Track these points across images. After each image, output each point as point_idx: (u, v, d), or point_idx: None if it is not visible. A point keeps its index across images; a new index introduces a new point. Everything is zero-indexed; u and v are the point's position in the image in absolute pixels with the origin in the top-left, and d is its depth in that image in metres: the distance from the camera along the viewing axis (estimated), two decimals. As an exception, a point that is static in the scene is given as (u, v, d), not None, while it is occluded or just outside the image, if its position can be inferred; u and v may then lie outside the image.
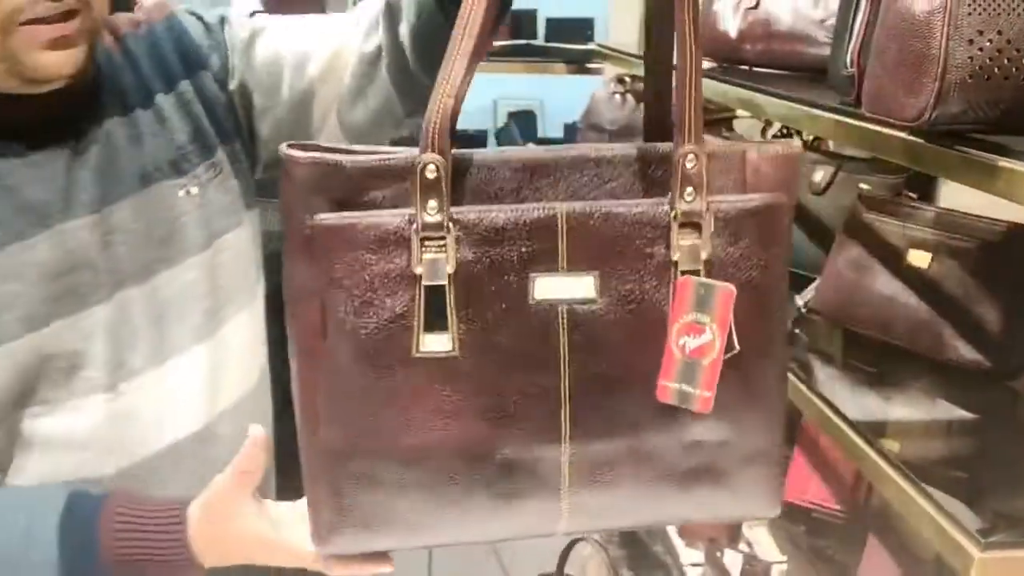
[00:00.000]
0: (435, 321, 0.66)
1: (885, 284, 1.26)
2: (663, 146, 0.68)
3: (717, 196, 0.67)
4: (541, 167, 0.68)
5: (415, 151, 0.66)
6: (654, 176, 0.68)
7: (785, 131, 1.76)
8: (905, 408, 1.20)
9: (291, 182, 0.67)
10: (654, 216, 0.67)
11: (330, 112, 1.04)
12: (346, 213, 0.66)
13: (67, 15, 0.87)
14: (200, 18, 1.05)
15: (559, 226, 0.66)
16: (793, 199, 0.71)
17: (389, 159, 0.66)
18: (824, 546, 1.54)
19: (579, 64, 2.67)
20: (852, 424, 1.10)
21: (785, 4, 1.52)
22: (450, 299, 0.66)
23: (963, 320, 1.18)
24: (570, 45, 2.69)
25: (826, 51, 1.44)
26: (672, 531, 1.94)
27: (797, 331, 1.41)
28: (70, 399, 0.93)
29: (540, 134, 3.07)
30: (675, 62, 0.69)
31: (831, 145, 1.84)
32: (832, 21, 1.45)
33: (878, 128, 0.92)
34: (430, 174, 0.65)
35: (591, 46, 2.73)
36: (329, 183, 0.66)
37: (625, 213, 0.67)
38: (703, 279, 0.67)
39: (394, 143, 0.94)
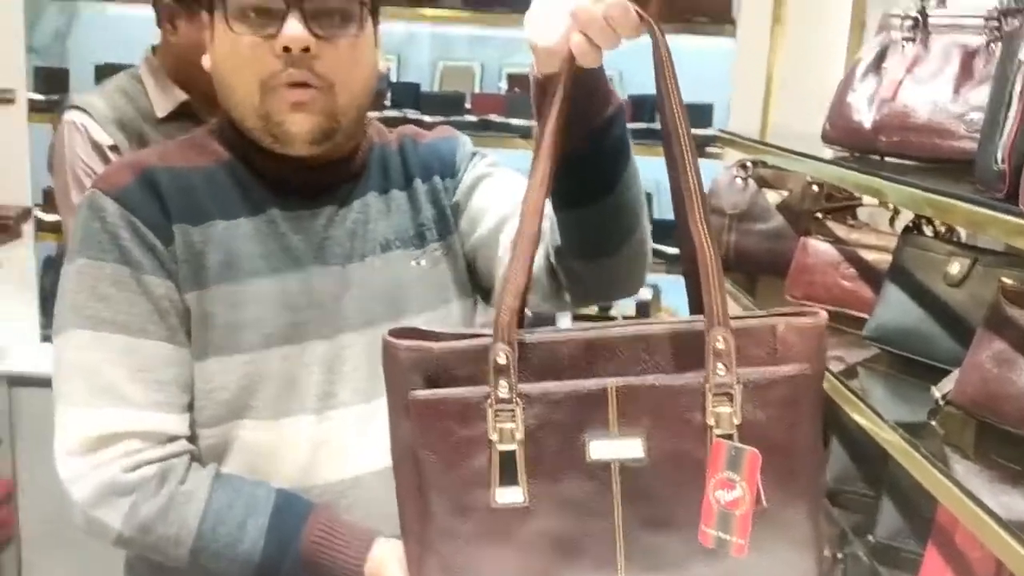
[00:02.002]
0: (508, 478, 0.80)
1: None
2: (697, 325, 0.80)
3: (747, 368, 0.79)
4: (596, 345, 0.80)
5: (489, 339, 0.79)
6: (690, 351, 0.80)
7: (917, 220, 1.76)
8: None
9: (394, 362, 0.82)
10: (692, 388, 0.79)
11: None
12: (437, 390, 0.80)
13: (304, 85, 1.05)
14: (465, 146, 1.27)
15: (610, 398, 0.79)
16: (820, 367, 0.81)
17: (468, 346, 0.81)
18: (958, 647, 1.49)
19: (699, 148, 2.71)
20: (997, 517, 1.08)
21: (923, 97, 1.54)
22: (520, 460, 0.79)
23: (1116, 420, 1.16)
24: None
25: (965, 144, 1.45)
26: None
27: (933, 423, 1.40)
28: (281, 417, 1.10)
29: (655, 215, 3.10)
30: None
31: (963, 236, 1.83)
32: (972, 115, 1.46)
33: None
34: (501, 360, 0.79)
35: (711, 131, 2.78)
36: (422, 364, 0.81)
37: (667, 386, 0.79)
38: (734, 444, 0.78)
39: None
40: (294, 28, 1.03)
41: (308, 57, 1.04)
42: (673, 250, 2.88)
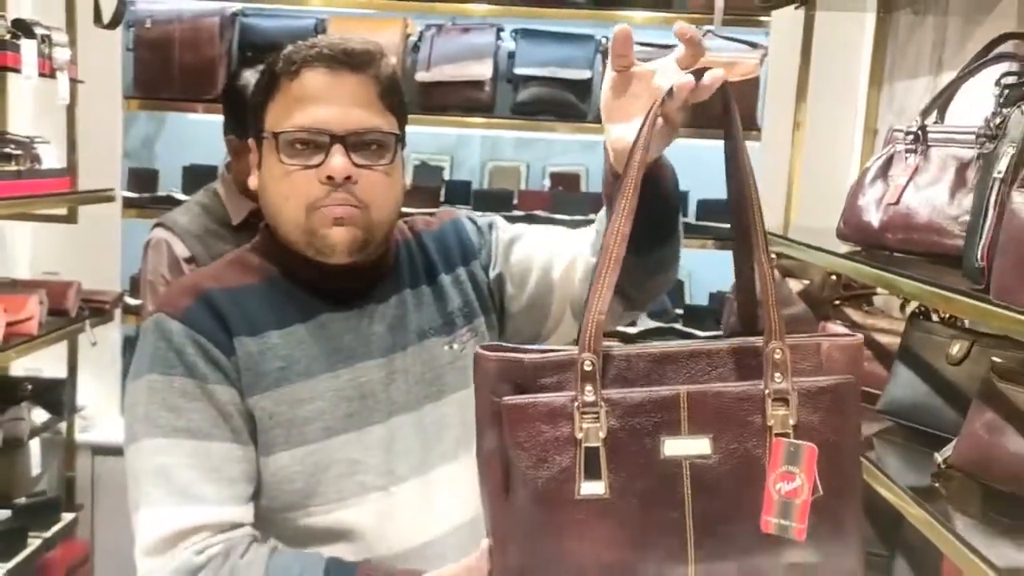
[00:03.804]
0: (591, 472, 0.87)
1: (1016, 444, 1.41)
2: (754, 342, 0.92)
3: (799, 377, 0.90)
4: (667, 358, 0.91)
5: (574, 350, 0.89)
6: (749, 364, 0.92)
7: (923, 308, 1.96)
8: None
9: (483, 372, 0.91)
10: (753, 394, 0.89)
11: (566, 306, 1.34)
12: (526, 395, 0.89)
13: (346, 202, 1.17)
14: (474, 221, 1.38)
15: (681, 402, 0.89)
16: (859, 378, 0.93)
17: (555, 356, 0.90)
18: None
19: (727, 241, 2.95)
20: (992, 564, 1.24)
21: (924, 201, 1.71)
22: (602, 456, 0.87)
23: (1088, 477, 1.34)
24: (719, 224, 2.98)
25: (959, 242, 1.64)
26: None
27: (937, 485, 1.58)
28: (349, 498, 1.20)
29: (688, 301, 3.30)
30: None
31: (967, 323, 2.03)
32: (966, 218, 1.66)
33: (1005, 312, 1.14)
34: (587, 367, 0.89)
35: (738, 225, 3.01)
36: (511, 373, 0.90)
37: (731, 392, 0.90)
38: (792, 440, 0.89)
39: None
40: (338, 161, 1.15)
41: (349, 182, 1.17)
42: (705, 333, 3.09)
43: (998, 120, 1.29)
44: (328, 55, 1.18)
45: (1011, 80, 1.27)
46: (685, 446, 0.88)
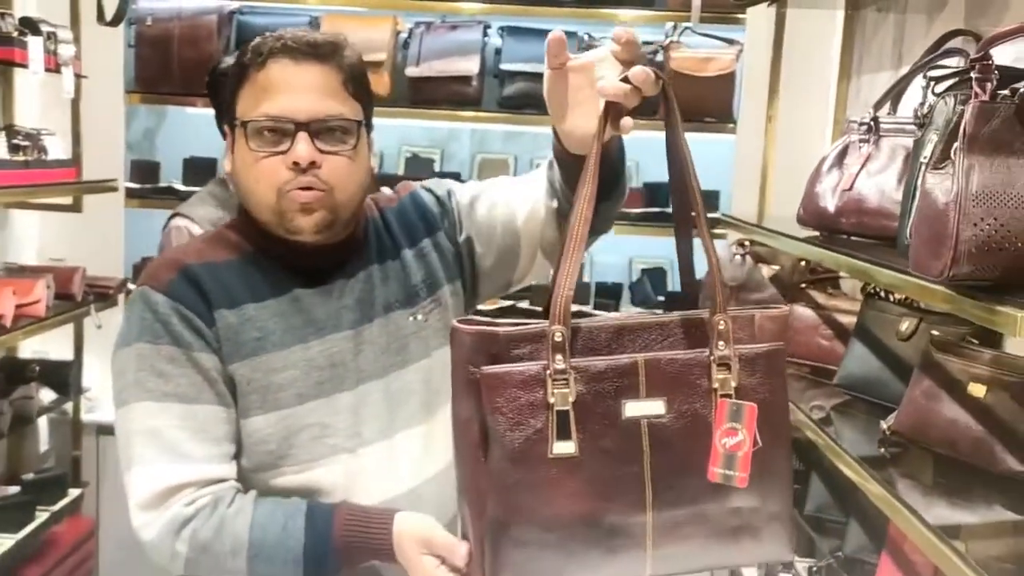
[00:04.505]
0: (563, 433, 0.96)
1: (950, 410, 1.52)
2: (700, 314, 1.03)
3: (738, 345, 1.01)
4: (624, 330, 1.01)
5: (545, 323, 0.98)
6: (696, 334, 1.02)
7: (877, 288, 2.07)
8: (968, 512, 1.44)
9: (460, 344, 0.98)
10: (700, 360, 1.00)
11: (535, 249, 1.41)
12: (503, 364, 0.97)
13: (310, 188, 1.24)
14: (433, 192, 1.44)
15: (639, 369, 0.98)
16: (787, 344, 1.05)
17: (528, 329, 0.98)
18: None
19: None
20: (929, 526, 1.33)
21: (874, 187, 1.81)
22: (572, 419, 0.96)
23: (1012, 439, 1.44)
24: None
25: (907, 225, 1.77)
26: None
27: (882, 450, 1.69)
28: (319, 459, 1.28)
29: (669, 287, 3.41)
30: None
31: (923, 304, 2.14)
32: (911, 202, 1.78)
33: (920, 282, 1.25)
34: (558, 338, 0.97)
35: (716, 215, 3.11)
36: (487, 345, 0.97)
37: (682, 359, 1.00)
38: (735, 400, 0.99)
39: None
40: (303, 148, 1.22)
41: (314, 167, 1.23)
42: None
43: (925, 110, 1.40)
44: (292, 47, 1.24)
45: (937, 73, 1.37)
46: (643, 408, 0.98)
